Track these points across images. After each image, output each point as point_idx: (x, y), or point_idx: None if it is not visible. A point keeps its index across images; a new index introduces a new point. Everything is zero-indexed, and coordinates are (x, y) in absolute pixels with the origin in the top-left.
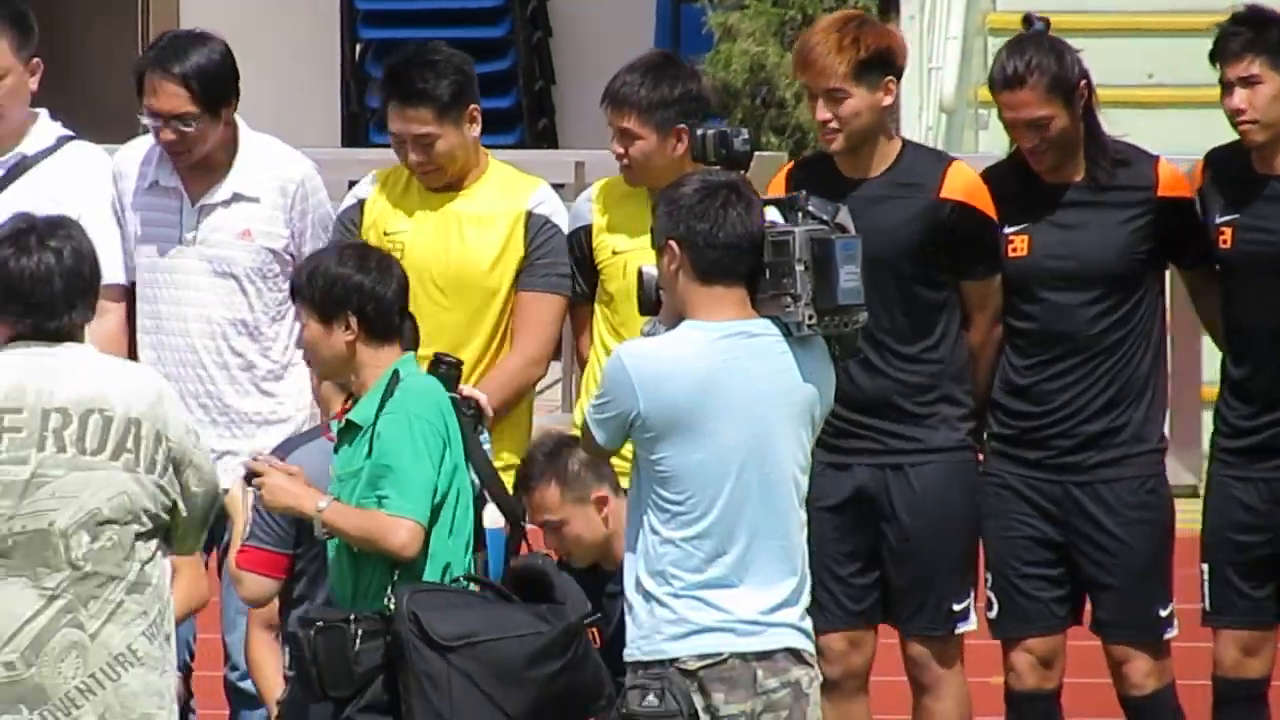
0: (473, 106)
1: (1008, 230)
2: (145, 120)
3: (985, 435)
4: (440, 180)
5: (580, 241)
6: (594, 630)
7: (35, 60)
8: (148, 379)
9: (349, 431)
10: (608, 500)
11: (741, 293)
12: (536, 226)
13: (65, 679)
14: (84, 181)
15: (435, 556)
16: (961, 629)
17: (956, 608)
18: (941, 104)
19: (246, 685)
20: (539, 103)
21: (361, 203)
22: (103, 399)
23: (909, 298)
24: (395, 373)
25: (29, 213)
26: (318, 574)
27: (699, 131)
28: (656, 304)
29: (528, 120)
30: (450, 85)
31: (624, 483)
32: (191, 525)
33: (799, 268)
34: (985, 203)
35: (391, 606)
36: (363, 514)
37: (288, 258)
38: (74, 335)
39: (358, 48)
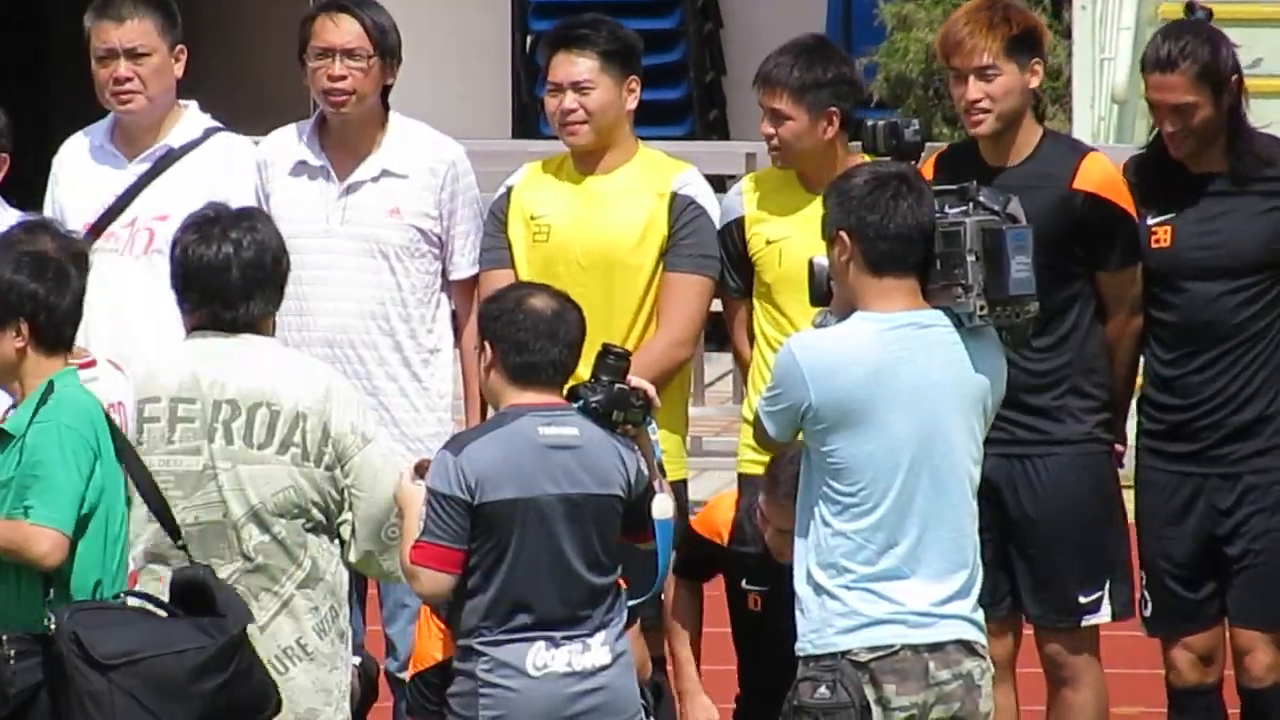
0: (633, 77)
1: (1151, 222)
2: (312, 63)
3: (1136, 431)
4: (586, 138)
5: (733, 235)
6: (758, 597)
7: (180, 47)
8: (320, 374)
9: (2, 441)
10: None
11: (912, 283)
12: (681, 207)
13: None
14: (229, 173)
15: (85, 571)
16: (1089, 621)
17: (1083, 600)
18: (1114, 95)
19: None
20: (709, 94)
21: (510, 190)
22: (272, 392)
23: (1041, 289)
24: (50, 384)
25: (219, 202)
26: (492, 568)
27: (869, 122)
28: (828, 295)
29: (698, 111)
30: (616, 41)
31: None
32: (364, 536)
33: (970, 258)
34: (1120, 195)
35: (51, 626)
36: (5, 523)
37: (436, 239)
38: (254, 327)
39: (528, 39)
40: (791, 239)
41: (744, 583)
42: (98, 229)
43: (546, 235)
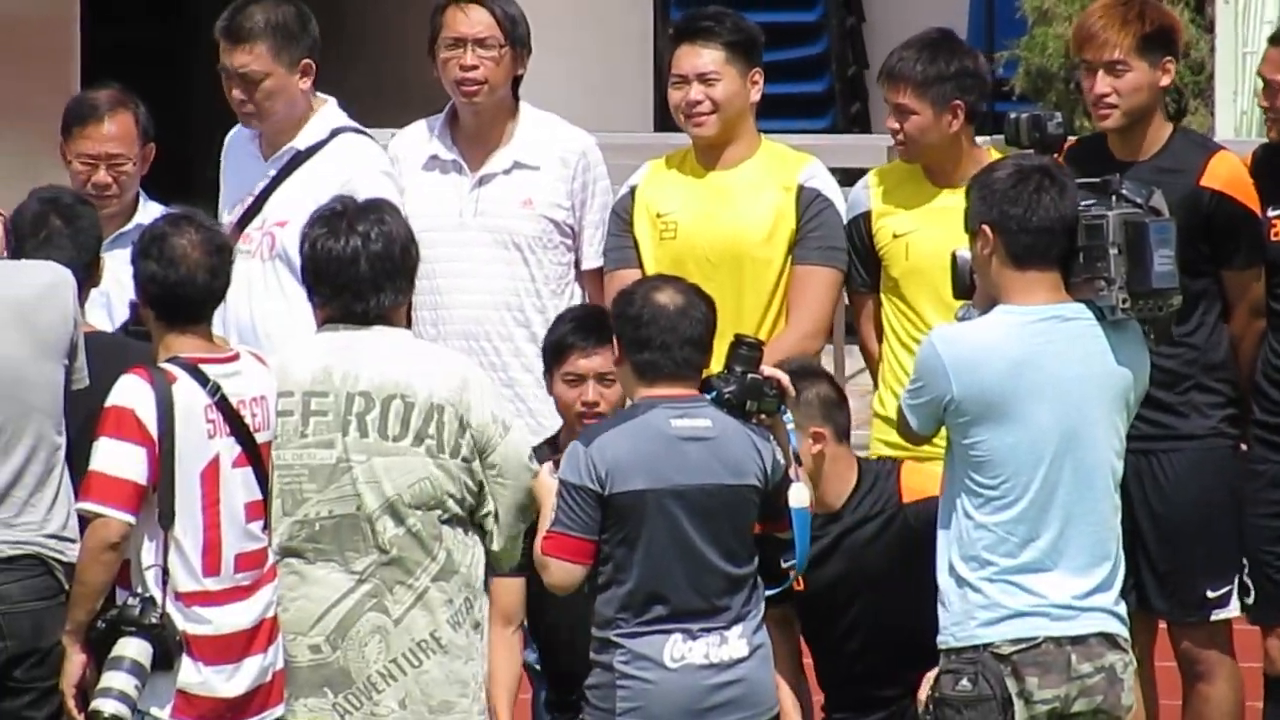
0: (756, 69)
1: (1271, 213)
2: (443, 54)
3: (1251, 423)
4: (712, 129)
5: (860, 229)
6: (790, 570)
7: (306, 62)
8: (455, 365)
9: None
10: (824, 438)
11: (1055, 277)
12: (808, 199)
13: (368, 663)
14: (349, 174)
15: None
16: (1219, 616)
17: (1211, 594)
18: (1256, 89)
19: None
20: (851, 88)
21: (633, 190)
22: (405, 384)
23: None
24: None
25: (346, 195)
26: (624, 559)
27: (1012, 115)
28: (970, 288)
29: (840, 105)
30: (740, 32)
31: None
32: (508, 523)
33: (1113, 251)
34: (1246, 194)
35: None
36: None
37: (568, 230)
38: (385, 319)
39: (670, 32)
40: (918, 233)
41: (783, 561)
42: (239, 230)
43: (674, 232)
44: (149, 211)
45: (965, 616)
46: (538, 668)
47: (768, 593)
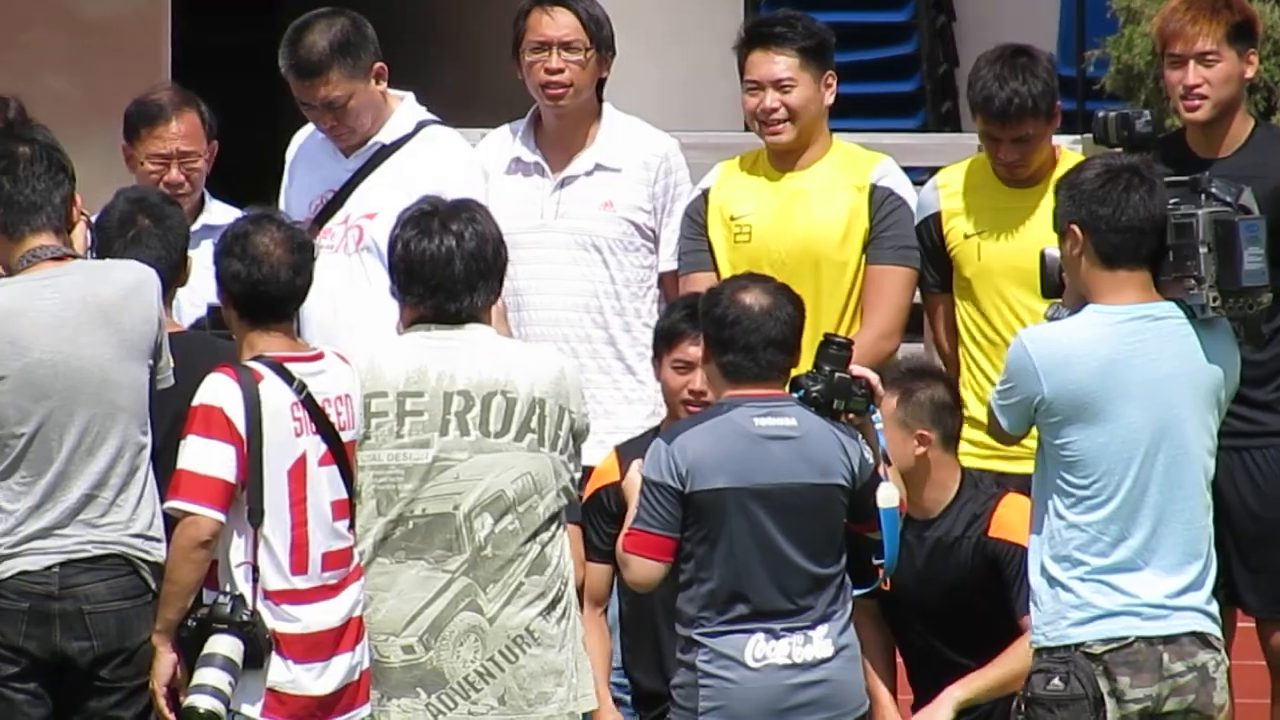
0: (829, 72)
1: None
2: (528, 57)
3: None
4: (789, 135)
5: (930, 230)
6: (880, 569)
7: (377, 66)
8: (549, 357)
9: None
10: (929, 441)
11: (1145, 276)
12: (881, 198)
13: (464, 663)
14: (436, 166)
15: None
16: None
17: None
18: None
19: None
20: (942, 87)
21: (706, 192)
22: (506, 381)
23: None
24: None
25: (435, 195)
26: (706, 557)
27: (1100, 114)
28: (1059, 287)
29: (930, 104)
30: (813, 37)
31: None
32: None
33: (1202, 250)
34: None
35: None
36: None
37: (649, 232)
38: (477, 318)
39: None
40: (989, 233)
41: (873, 558)
42: (318, 226)
43: (748, 236)
44: (215, 211)
45: (1057, 616)
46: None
47: (857, 592)
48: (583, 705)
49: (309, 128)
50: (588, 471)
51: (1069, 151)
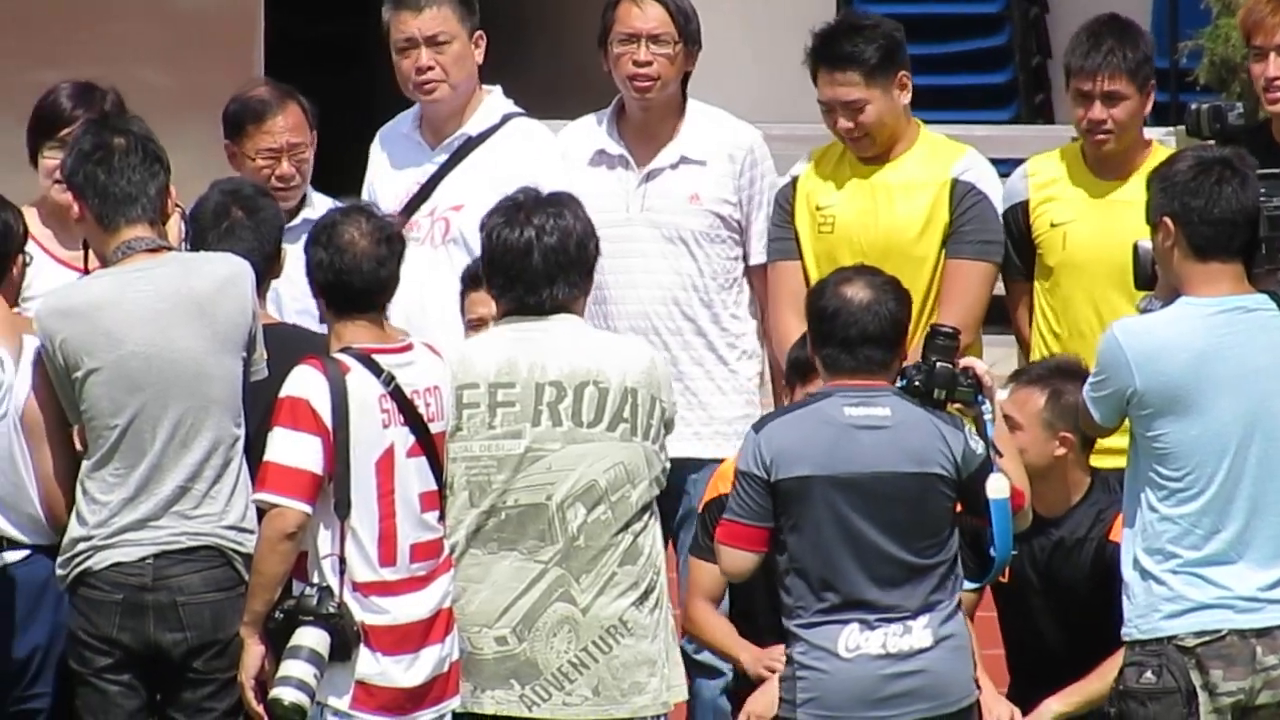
0: (903, 73)
1: None
2: (616, 49)
3: None
4: (869, 148)
5: (1016, 218)
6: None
7: (479, 33)
8: (640, 348)
9: None
10: (1070, 444)
11: (1237, 268)
12: (961, 193)
13: (558, 654)
14: (523, 159)
15: None
16: None
17: None
18: None
19: (703, 657)
20: (1035, 78)
21: (795, 180)
22: (597, 370)
23: None
24: None
25: (530, 187)
26: (796, 546)
27: (1193, 106)
28: (1152, 279)
29: (1023, 95)
30: (879, 50)
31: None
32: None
33: None
34: None
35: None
36: None
37: (735, 225)
38: (564, 309)
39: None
40: (1076, 223)
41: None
42: (405, 218)
43: (831, 227)
44: (317, 204)
45: (1149, 609)
46: (695, 658)
47: (972, 584)
48: (675, 696)
49: (394, 121)
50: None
51: (1160, 145)
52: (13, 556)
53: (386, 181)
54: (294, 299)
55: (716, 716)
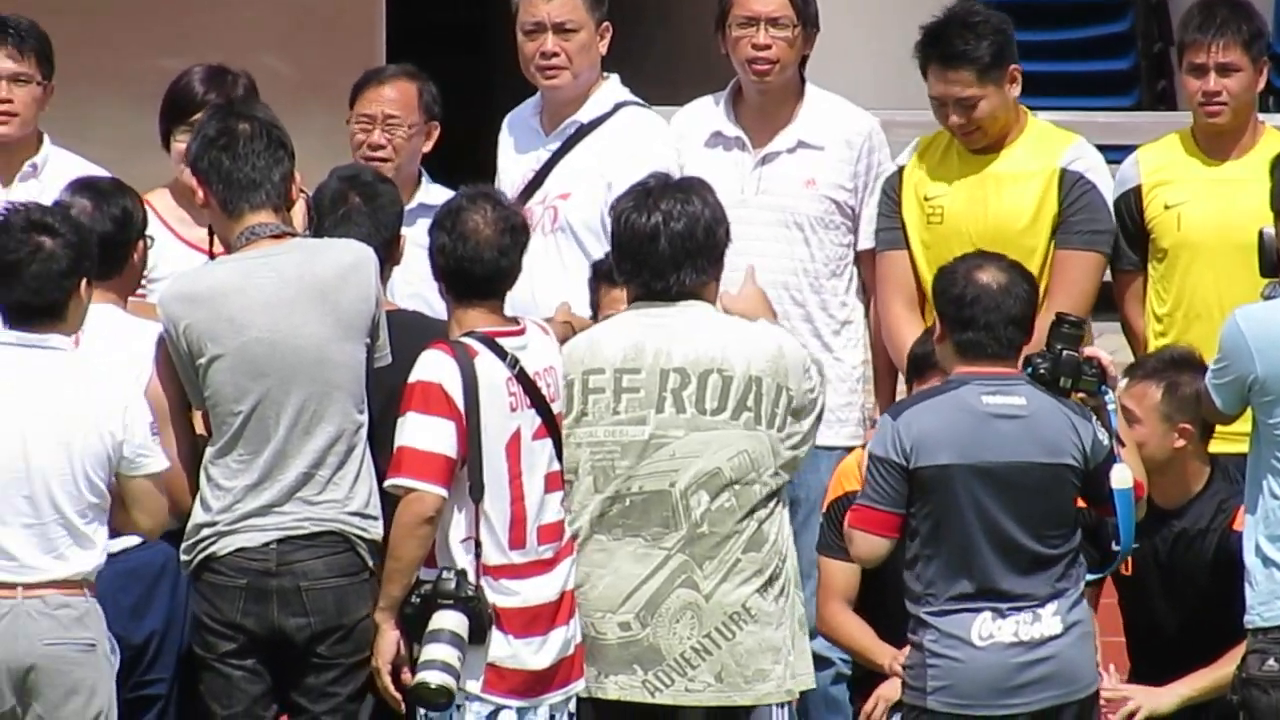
0: (1013, 67)
1: None
2: (735, 32)
3: None
4: (982, 141)
5: (1129, 204)
6: (1129, 558)
7: (606, 25)
8: (767, 335)
9: None
10: (1190, 435)
11: None
12: (1070, 183)
13: (680, 639)
14: (632, 146)
15: None
16: None
17: None
18: None
19: (815, 645)
20: (1157, 65)
21: (901, 170)
22: (722, 359)
23: None
24: None
25: (662, 172)
26: (931, 534)
27: None
28: (1277, 266)
29: (1145, 82)
30: (990, 46)
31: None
32: (794, 469)
33: None
34: None
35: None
36: None
37: (849, 211)
38: (692, 294)
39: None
40: (1190, 204)
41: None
42: (520, 205)
43: (940, 217)
44: (431, 192)
45: (1271, 596)
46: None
47: (1094, 575)
48: (800, 684)
49: (520, 107)
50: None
51: (1275, 130)
52: (131, 541)
53: (509, 167)
54: (406, 283)
55: (828, 705)
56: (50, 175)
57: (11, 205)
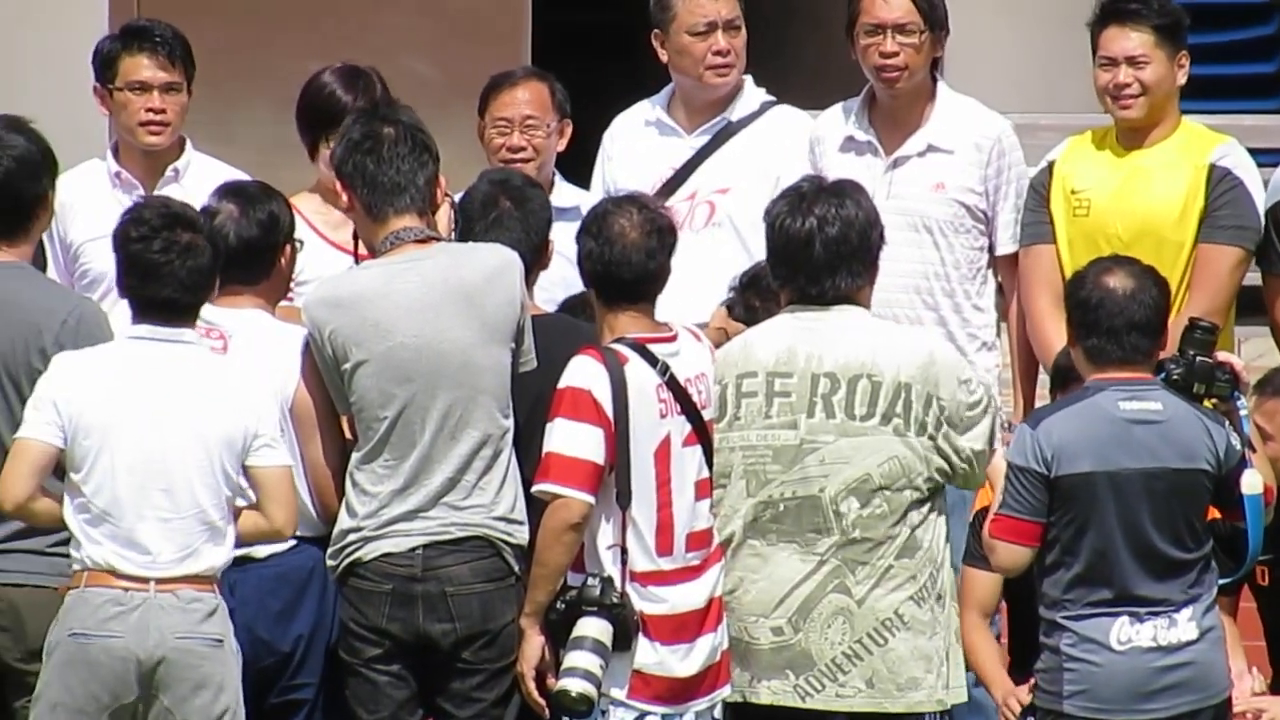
0: (1182, 53)
1: None
2: (863, 40)
3: None
4: (1138, 111)
5: (1278, 213)
6: (1264, 568)
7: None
8: (920, 341)
9: None
10: None
11: None
12: (1218, 178)
13: (832, 644)
14: (781, 145)
15: None
16: None
17: None
18: None
19: None
20: None
21: (1051, 165)
22: (872, 364)
23: None
24: None
25: (815, 175)
26: (1071, 541)
27: None
28: None
29: None
30: (1170, 17)
31: None
32: (972, 484)
33: None
34: None
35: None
36: None
37: (981, 214)
38: (847, 299)
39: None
40: None
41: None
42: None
43: (1087, 210)
44: (563, 192)
45: None
46: None
47: (1224, 580)
48: (953, 696)
49: (628, 113)
50: None
51: None
52: (280, 547)
53: (632, 169)
54: (540, 288)
55: (970, 708)
56: (192, 180)
57: (144, 200)
